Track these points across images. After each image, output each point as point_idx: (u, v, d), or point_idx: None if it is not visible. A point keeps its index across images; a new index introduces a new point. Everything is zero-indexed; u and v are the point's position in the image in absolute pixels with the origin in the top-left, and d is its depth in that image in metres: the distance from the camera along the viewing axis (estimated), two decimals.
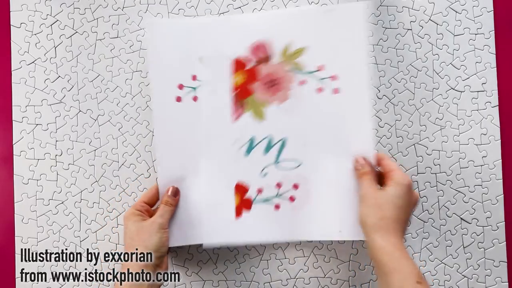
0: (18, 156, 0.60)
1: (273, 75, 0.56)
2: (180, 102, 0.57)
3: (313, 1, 0.61)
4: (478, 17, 0.61)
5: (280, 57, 0.56)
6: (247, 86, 0.56)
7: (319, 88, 0.55)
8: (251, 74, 0.56)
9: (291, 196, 0.56)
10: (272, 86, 0.56)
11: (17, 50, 0.61)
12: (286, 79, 0.56)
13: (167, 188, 0.55)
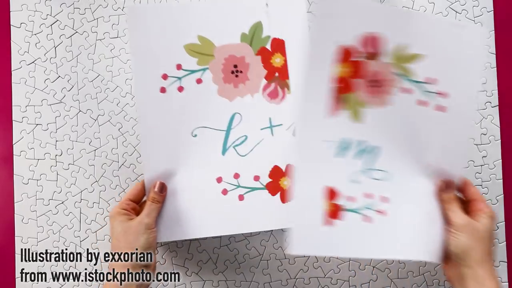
0: (18, 156, 0.60)
1: (379, 74, 0.50)
2: (165, 93, 0.55)
3: (313, 1, 0.61)
4: (478, 17, 0.61)
5: (390, 57, 0.49)
6: (351, 81, 0.50)
7: (423, 101, 0.50)
8: (358, 68, 0.49)
9: (379, 209, 0.51)
10: (375, 86, 0.50)
11: (17, 50, 0.61)
12: (391, 83, 0.50)
13: (153, 183, 0.54)
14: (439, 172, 0.51)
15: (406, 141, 0.51)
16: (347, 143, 0.50)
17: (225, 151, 0.56)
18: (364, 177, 0.51)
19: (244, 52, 0.56)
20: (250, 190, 0.56)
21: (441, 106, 0.50)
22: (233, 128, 0.56)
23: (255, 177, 0.56)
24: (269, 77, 0.56)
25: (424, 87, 0.50)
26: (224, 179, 0.56)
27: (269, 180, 0.56)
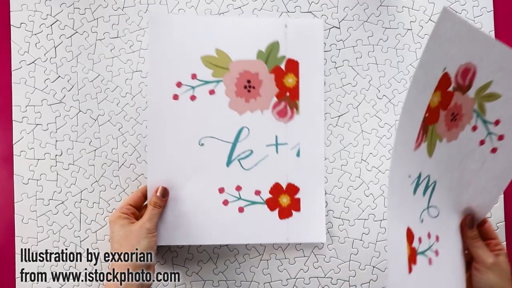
0: (18, 156, 0.60)
1: (460, 108, 0.46)
2: (177, 100, 0.57)
3: (313, 1, 0.61)
4: (478, 17, 0.61)
5: (475, 93, 0.45)
6: (438, 111, 0.45)
7: (483, 140, 0.48)
8: (447, 98, 0.44)
9: (436, 249, 0.47)
10: (454, 120, 0.46)
11: (17, 50, 0.61)
12: (467, 119, 0.47)
13: (155, 188, 0.55)
14: (468, 209, 0.51)
15: (456, 178, 0.49)
16: (421, 178, 0.45)
17: (230, 163, 0.57)
18: (426, 215, 0.47)
19: (258, 69, 0.58)
20: (250, 204, 0.57)
21: (495, 148, 0.48)
22: (240, 141, 0.58)
23: (256, 191, 0.57)
24: (280, 95, 0.58)
25: (489, 128, 0.47)
26: (226, 190, 0.57)
27: (269, 196, 0.57)
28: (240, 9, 0.61)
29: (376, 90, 0.60)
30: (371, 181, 0.60)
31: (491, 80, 0.44)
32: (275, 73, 0.58)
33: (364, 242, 0.60)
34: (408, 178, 0.43)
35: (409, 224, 0.43)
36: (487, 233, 0.52)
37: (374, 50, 0.61)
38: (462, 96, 0.45)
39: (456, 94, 0.45)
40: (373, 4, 0.61)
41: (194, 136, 0.57)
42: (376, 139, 0.60)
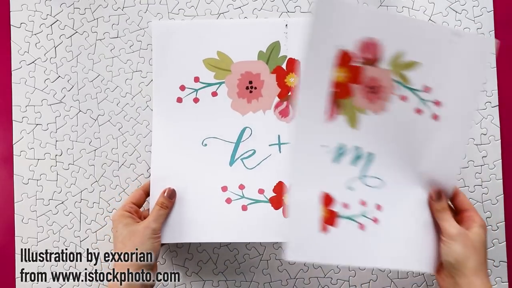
0: (18, 156, 0.60)
1: (377, 81, 0.49)
2: (181, 103, 0.57)
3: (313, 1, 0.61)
4: (478, 17, 0.61)
5: (388, 64, 0.48)
6: (348, 86, 0.49)
7: (420, 109, 0.50)
8: (356, 73, 0.48)
9: (375, 217, 0.50)
10: (373, 92, 0.49)
11: (17, 50, 0.61)
12: (388, 89, 0.49)
13: (164, 189, 0.55)
14: (433, 181, 0.51)
15: (402, 149, 0.51)
16: (344, 148, 0.49)
17: (233, 162, 0.58)
18: (359, 184, 0.50)
19: (260, 70, 0.58)
20: (254, 202, 0.57)
21: (436, 115, 0.50)
22: (243, 141, 0.58)
23: (259, 190, 0.57)
24: (282, 95, 0.58)
25: (421, 96, 0.49)
26: (229, 188, 0.57)
27: (273, 195, 0.57)
28: (240, 9, 0.61)
29: None
30: None
31: (402, 51, 0.48)
32: (276, 73, 0.58)
33: None
34: (321, 147, 0.48)
35: (325, 189, 0.48)
36: (461, 205, 0.51)
37: None
38: (375, 69, 0.48)
39: (367, 68, 0.48)
40: (373, 4, 0.61)
41: (197, 137, 0.57)
42: None
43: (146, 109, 0.60)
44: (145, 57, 0.60)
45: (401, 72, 0.49)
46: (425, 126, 0.50)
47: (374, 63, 0.48)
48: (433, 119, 0.49)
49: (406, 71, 0.49)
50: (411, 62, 0.48)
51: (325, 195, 0.48)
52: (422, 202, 0.51)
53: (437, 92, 0.49)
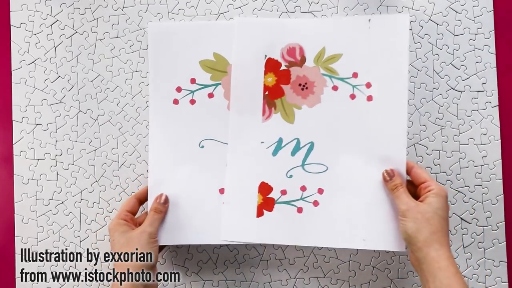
0: (18, 156, 0.60)
1: (306, 78, 0.56)
2: (177, 104, 0.57)
3: (313, 1, 0.61)
4: (478, 17, 0.61)
5: (313, 62, 0.56)
6: (279, 87, 0.56)
7: (353, 94, 0.55)
8: (283, 75, 0.56)
9: (315, 200, 0.55)
10: (304, 89, 0.56)
11: (17, 50, 0.61)
12: (319, 83, 0.56)
13: (157, 196, 0.55)
14: (385, 161, 0.53)
15: (346, 134, 0.55)
16: (282, 142, 0.56)
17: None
18: (300, 171, 0.55)
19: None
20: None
21: (370, 96, 0.54)
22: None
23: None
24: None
25: (351, 82, 0.55)
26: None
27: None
28: (240, 9, 0.61)
29: None
30: None
31: (323, 47, 0.56)
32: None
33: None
34: (261, 144, 0.56)
35: (264, 180, 0.56)
36: (417, 177, 0.51)
37: None
38: (301, 69, 0.56)
39: (293, 69, 0.56)
40: (373, 4, 0.61)
41: (194, 139, 0.57)
42: None
43: (146, 109, 0.60)
44: (145, 57, 0.60)
45: (327, 66, 0.56)
46: (362, 108, 0.55)
47: (300, 64, 0.56)
48: (367, 101, 0.55)
49: (331, 64, 0.55)
50: (334, 56, 0.55)
51: (263, 184, 0.56)
52: (378, 182, 0.54)
53: (365, 75, 0.55)
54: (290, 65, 0.56)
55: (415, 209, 0.48)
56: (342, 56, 0.55)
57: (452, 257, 0.47)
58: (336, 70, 0.55)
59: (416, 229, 0.47)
